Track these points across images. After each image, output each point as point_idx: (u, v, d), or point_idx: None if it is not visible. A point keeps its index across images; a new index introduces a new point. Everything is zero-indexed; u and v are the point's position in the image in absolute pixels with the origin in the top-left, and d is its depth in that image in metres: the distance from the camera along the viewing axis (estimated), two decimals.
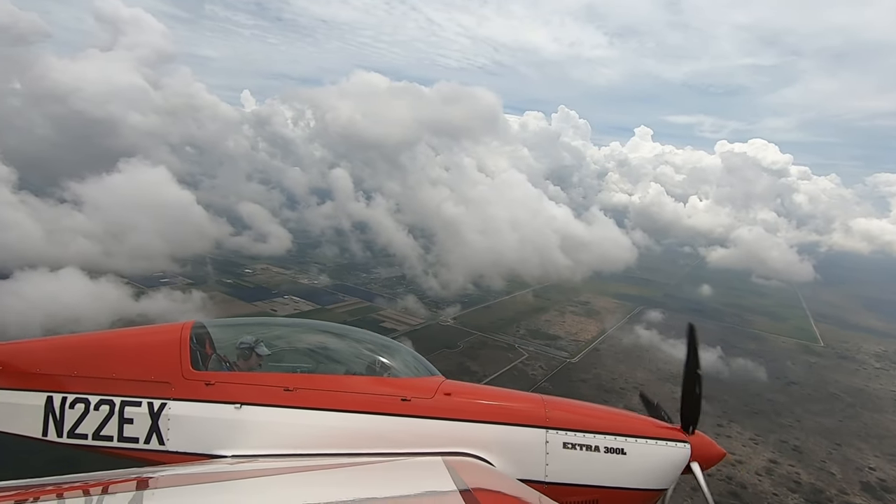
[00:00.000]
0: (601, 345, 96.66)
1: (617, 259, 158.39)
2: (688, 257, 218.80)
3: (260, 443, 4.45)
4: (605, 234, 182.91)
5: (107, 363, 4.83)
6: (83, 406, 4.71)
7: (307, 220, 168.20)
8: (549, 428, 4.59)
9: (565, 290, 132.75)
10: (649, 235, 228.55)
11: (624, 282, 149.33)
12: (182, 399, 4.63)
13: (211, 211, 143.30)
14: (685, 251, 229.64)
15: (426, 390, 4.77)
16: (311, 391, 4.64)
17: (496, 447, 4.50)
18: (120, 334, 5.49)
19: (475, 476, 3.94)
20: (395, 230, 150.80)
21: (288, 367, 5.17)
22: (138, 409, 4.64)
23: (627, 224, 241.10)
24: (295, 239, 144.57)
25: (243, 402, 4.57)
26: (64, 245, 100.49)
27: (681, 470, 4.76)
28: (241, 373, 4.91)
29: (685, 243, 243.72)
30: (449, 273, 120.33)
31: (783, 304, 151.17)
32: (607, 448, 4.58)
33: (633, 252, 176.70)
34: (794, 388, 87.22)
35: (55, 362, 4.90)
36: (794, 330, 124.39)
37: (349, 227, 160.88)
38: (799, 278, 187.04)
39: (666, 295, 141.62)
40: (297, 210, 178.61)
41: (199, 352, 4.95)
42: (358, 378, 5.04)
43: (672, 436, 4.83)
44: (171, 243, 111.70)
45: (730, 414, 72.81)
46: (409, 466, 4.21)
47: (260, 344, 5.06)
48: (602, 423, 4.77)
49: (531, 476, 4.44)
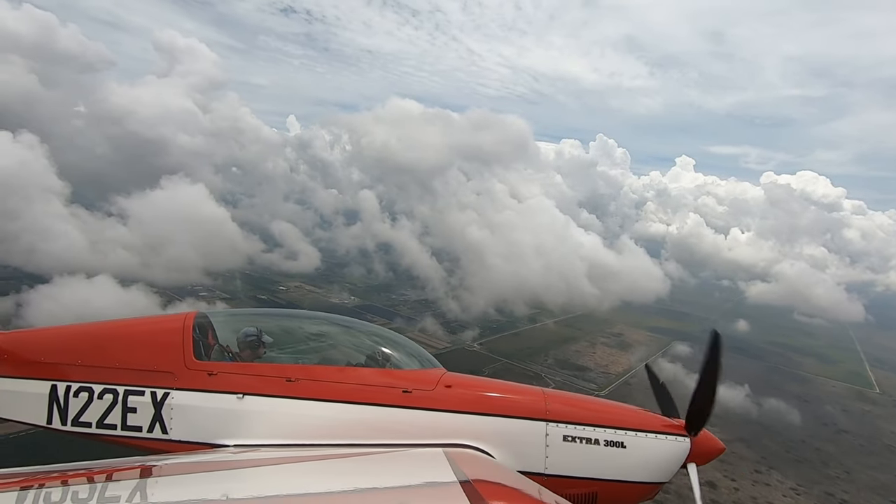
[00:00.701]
0: (632, 379, 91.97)
1: (647, 290, 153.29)
2: (725, 291, 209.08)
3: (262, 433, 4.46)
4: (636, 264, 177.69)
5: (111, 352, 4.85)
6: (87, 395, 4.74)
7: (337, 240, 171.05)
8: (549, 421, 4.59)
9: (597, 320, 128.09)
10: (684, 267, 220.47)
11: (659, 315, 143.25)
12: (185, 389, 4.65)
13: (245, 228, 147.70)
14: (723, 284, 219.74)
15: (427, 382, 4.79)
16: (312, 382, 4.67)
17: (497, 439, 4.51)
18: (124, 324, 5.45)
19: (475, 468, 3.92)
20: (420, 252, 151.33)
21: (290, 357, 5.24)
22: (142, 398, 4.66)
23: (663, 255, 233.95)
24: (324, 258, 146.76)
25: (245, 393, 4.59)
26: (104, 255, 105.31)
27: (680, 464, 4.76)
28: (244, 363, 4.92)
29: (724, 276, 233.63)
30: (474, 297, 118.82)
31: (833, 345, 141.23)
32: (607, 441, 4.59)
33: (665, 284, 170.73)
34: (844, 437, 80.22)
35: (60, 351, 4.92)
36: (847, 374, 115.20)
37: (373, 247, 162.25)
38: (847, 318, 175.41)
39: (704, 330, 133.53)
40: (330, 230, 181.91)
41: (202, 342, 4.97)
42: (359, 369, 5.02)
43: (672, 430, 4.81)
44: (205, 257, 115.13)
45: (770, 460, 67.48)
46: (410, 458, 4.22)
47: (262, 334, 5.07)
48: (602, 417, 4.76)
49: (531, 468, 4.44)
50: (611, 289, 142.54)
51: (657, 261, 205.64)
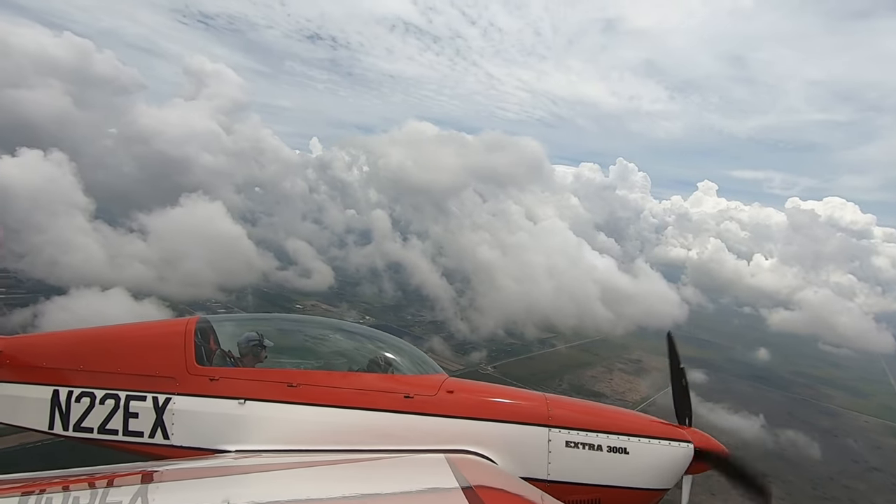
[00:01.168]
0: (649, 407, 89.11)
1: (663, 315, 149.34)
2: (746, 318, 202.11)
3: (263, 438, 4.44)
4: (652, 288, 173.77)
5: (112, 358, 4.85)
6: (89, 400, 4.73)
7: (350, 258, 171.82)
8: (551, 426, 4.56)
9: (615, 345, 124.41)
10: (703, 292, 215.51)
11: (679, 341, 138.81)
12: (186, 394, 4.65)
13: (261, 246, 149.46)
14: (744, 311, 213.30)
15: (429, 387, 4.76)
16: (314, 387, 4.65)
17: (499, 445, 4.48)
18: (126, 329, 5.45)
19: (478, 474, 3.91)
20: (432, 272, 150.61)
21: (292, 363, 5.26)
22: (143, 403, 4.66)
23: (683, 279, 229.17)
24: (338, 276, 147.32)
25: (247, 398, 4.57)
26: (121, 269, 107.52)
27: (684, 470, 4.70)
28: (246, 368, 4.93)
29: (745, 303, 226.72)
30: (484, 318, 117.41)
31: (863, 377, 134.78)
32: (610, 447, 4.54)
33: (682, 309, 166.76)
34: (875, 475, 75.59)
35: (61, 356, 4.93)
36: (879, 408, 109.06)
37: (385, 266, 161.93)
38: (877, 348, 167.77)
39: (726, 358, 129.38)
40: (345, 249, 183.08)
41: (203, 347, 4.97)
42: (361, 375, 5.04)
43: (675, 435, 4.76)
44: (220, 273, 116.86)
45: (795, 496, 63.94)
46: (412, 463, 4.21)
47: (264, 339, 5.08)
48: (605, 422, 4.73)
49: (533, 474, 4.41)
50: (625, 313, 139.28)
51: (676, 285, 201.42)
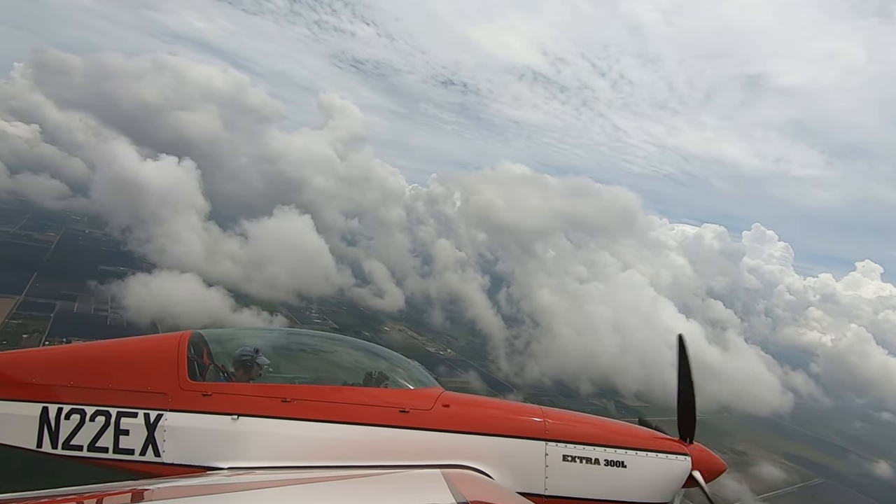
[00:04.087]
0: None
1: (758, 400, 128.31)
2: (876, 423, 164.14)
3: (257, 455, 4.43)
4: (744, 366, 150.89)
5: (103, 373, 4.80)
6: (79, 417, 4.63)
7: (427, 285, 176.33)
8: (548, 440, 4.56)
9: (715, 429, 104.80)
10: (827, 385, 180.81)
11: (790, 437, 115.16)
12: (179, 410, 4.59)
13: (342, 262, 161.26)
14: (882, 417, 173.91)
15: (425, 402, 4.75)
16: (308, 402, 4.63)
17: (495, 459, 4.48)
18: (117, 344, 5.48)
19: (474, 489, 3.93)
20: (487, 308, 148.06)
21: (286, 377, 5.27)
22: (134, 420, 4.58)
23: (813, 368, 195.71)
24: (408, 300, 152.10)
25: (241, 414, 4.55)
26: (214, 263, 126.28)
27: (682, 483, 4.66)
28: (239, 383, 4.89)
29: (889, 408, 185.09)
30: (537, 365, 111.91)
31: None
32: (607, 461, 4.52)
33: (785, 397, 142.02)
34: None
35: (51, 372, 4.88)
36: None
37: (450, 297, 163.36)
38: None
39: (861, 474, 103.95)
40: (427, 277, 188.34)
41: (196, 362, 4.94)
42: (356, 389, 5.01)
43: (673, 448, 4.75)
44: (298, 280, 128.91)
45: None
46: (408, 479, 4.21)
47: (258, 355, 5.05)
48: (602, 436, 4.72)
49: (531, 489, 4.40)
50: (706, 388, 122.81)
51: (799, 371, 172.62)
